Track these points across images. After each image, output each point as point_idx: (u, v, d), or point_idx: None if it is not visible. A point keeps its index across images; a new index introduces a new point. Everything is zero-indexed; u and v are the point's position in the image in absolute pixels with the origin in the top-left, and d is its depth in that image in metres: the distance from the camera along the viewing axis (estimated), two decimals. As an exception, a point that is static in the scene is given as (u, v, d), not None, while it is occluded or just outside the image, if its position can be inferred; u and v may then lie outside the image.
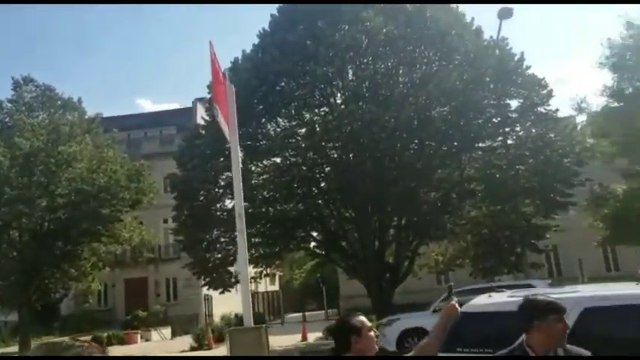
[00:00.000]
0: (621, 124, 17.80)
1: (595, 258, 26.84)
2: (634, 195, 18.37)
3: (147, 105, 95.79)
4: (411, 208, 20.30)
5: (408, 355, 3.15)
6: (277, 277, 46.69)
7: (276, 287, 44.78)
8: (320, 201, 21.61)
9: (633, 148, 17.59)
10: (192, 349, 22.24)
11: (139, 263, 32.24)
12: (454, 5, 21.04)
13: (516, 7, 19.72)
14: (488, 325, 4.82)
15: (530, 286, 12.35)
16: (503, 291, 5.83)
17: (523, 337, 2.98)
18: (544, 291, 5.69)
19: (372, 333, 2.92)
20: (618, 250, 26.34)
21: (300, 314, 36.33)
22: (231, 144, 4.69)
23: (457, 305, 3.16)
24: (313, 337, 22.19)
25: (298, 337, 22.55)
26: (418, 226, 20.70)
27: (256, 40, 21.84)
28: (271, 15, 21.97)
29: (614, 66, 18.18)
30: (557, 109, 20.19)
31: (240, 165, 5.41)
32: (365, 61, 20.57)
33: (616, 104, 18.26)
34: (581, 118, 20.71)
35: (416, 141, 20.36)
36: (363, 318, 2.96)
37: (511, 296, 5.05)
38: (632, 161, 18.49)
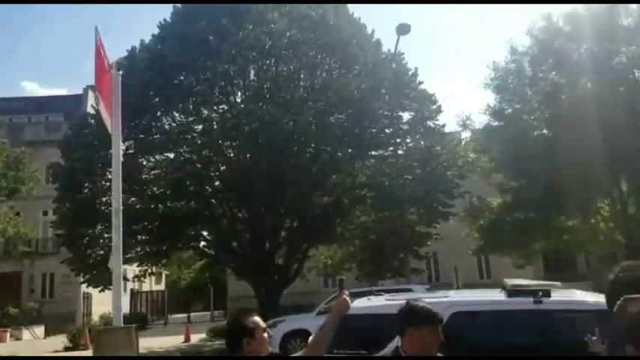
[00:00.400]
0: (500, 142, 19.20)
1: (470, 265, 28.70)
2: (506, 208, 19.89)
3: (33, 88, 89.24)
4: (304, 211, 20.58)
5: (298, 353, 3.02)
6: (164, 277, 45.35)
7: (162, 287, 43.48)
8: (213, 200, 21.29)
9: (508, 165, 19.05)
10: (66, 349, 21.01)
11: (13, 257, 29.91)
12: (356, 16, 21.69)
13: (414, 25, 20.61)
14: (365, 327, 5.02)
15: (409, 290, 13.00)
16: (381, 294, 6.12)
17: (398, 339, 2.97)
18: (420, 296, 6.02)
19: (265, 334, 2.78)
20: (491, 259, 28.32)
21: (186, 315, 35.58)
22: (113, 136, 4.48)
23: (348, 300, 3.01)
24: (197, 338, 21.80)
25: (182, 337, 22.07)
26: (310, 229, 21.03)
27: (156, 31, 21.22)
28: (174, 6, 21.42)
29: (497, 87, 19.58)
30: (444, 124, 21.46)
31: (122, 159, 5.20)
32: (267, 62, 20.60)
33: (497, 123, 19.66)
34: (466, 134, 22.13)
35: (313, 145, 20.66)
36: (257, 318, 2.80)
37: (388, 300, 5.32)
38: (507, 177, 20.00)
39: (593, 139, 15.77)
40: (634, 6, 17.62)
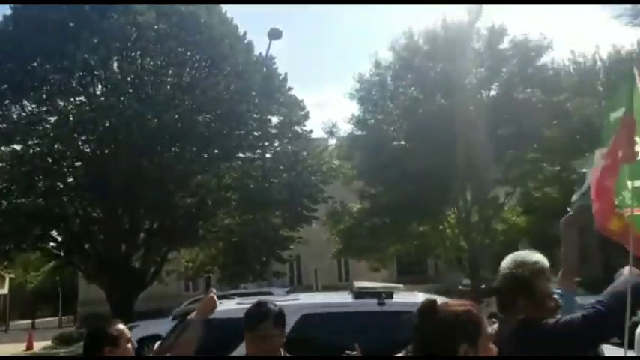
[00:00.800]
0: (362, 150, 20.13)
1: (331, 268, 29.58)
2: (365, 214, 20.87)
3: None
4: (165, 212, 19.90)
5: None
6: (7, 279, 41.44)
7: (5, 290, 39.70)
8: (65, 197, 19.83)
9: (369, 173, 20.00)
10: None
11: None
12: (229, 16, 21.49)
13: (287, 32, 21.03)
14: (215, 330, 4.96)
15: (270, 293, 13.10)
16: (233, 298, 6.11)
17: None
18: (273, 298, 6.08)
19: (129, 345, 2.65)
20: (350, 262, 29.41)
21: (30, 321, 32.81)
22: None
23: (216, 299, 2.92)
24: (41, 345, 20.17)
25: (24, 345, 20.30)
26: (171, 231, 20.36)
27: (8, 11, 19.43)
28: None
29: (361, 98, 20.53)
30: (311, 130, 22.02)
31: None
32: (132, 54, 19.75)
33: (360, 132, 20.58)
34: (332, 142, 22.89)
35: (178, 144, 20.10)
36: (121, 326, 2.66)
37: (239, 303, 5.30)
38: (367, 184, 20.99)
39: (444, 152, 17.08)
40: (484, 31, 19.38)
